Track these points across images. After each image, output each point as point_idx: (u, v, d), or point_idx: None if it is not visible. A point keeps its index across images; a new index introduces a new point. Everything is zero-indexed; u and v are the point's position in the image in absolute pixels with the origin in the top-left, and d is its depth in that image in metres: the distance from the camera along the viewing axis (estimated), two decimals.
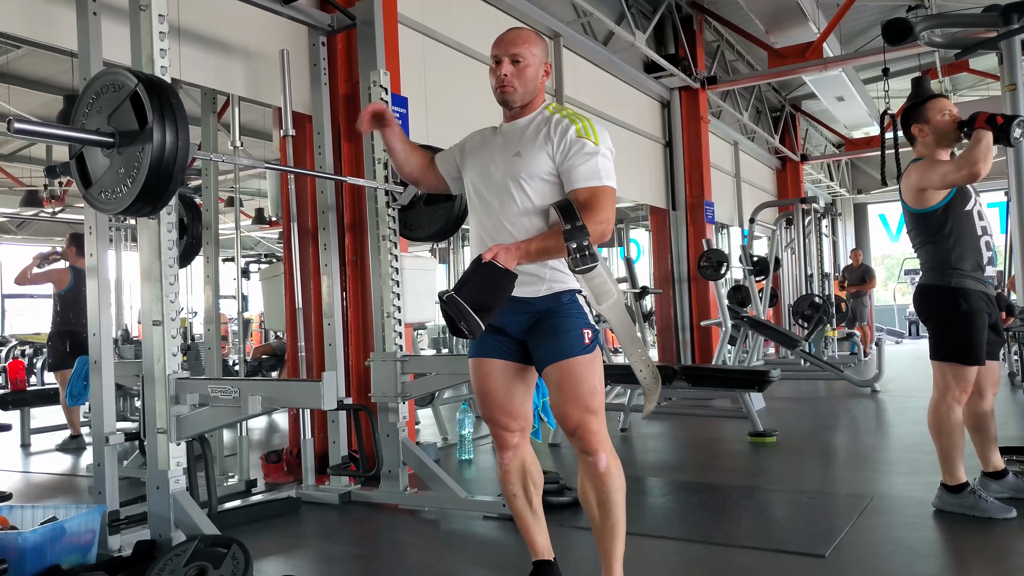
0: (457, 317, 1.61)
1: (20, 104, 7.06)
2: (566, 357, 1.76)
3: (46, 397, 5.35)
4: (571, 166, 1.76)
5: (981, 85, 10.31)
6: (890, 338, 12.37)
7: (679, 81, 7.48)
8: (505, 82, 1.83)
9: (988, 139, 2.46)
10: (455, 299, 1.61)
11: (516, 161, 1.80)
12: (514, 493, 1.92)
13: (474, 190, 1.90)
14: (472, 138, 2.00)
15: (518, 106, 1.86)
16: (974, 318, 2.55)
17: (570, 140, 1.77)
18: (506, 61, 1.83)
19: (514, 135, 1.86)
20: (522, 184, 1.79)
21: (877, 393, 6.06)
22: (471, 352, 1.92)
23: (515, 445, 1.89)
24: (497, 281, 1.68)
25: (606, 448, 1.76)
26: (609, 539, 1.79)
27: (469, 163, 1.94)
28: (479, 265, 1.67)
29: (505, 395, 1.86)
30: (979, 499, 2.57)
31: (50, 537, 2.10)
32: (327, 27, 3.63)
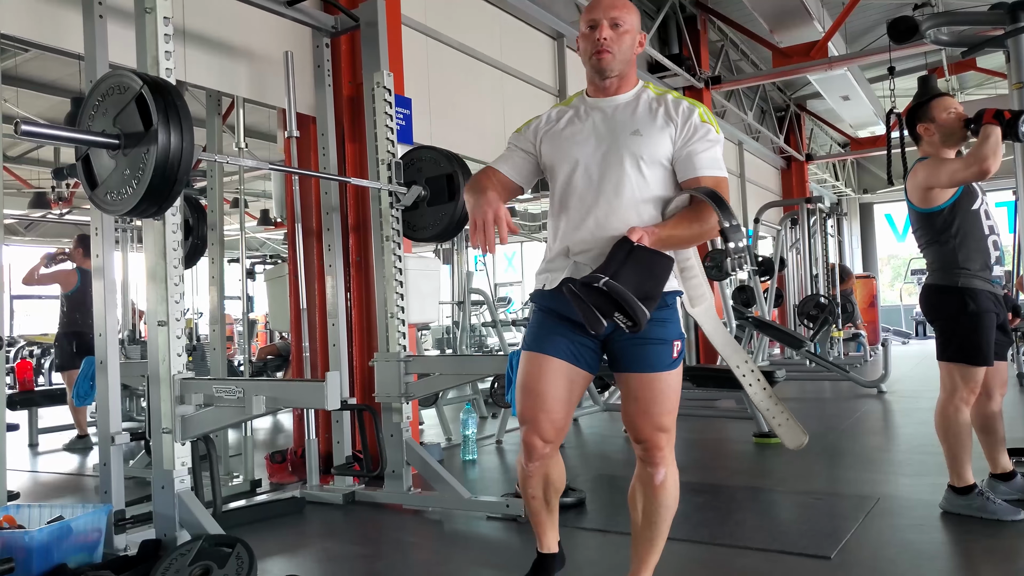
0: (614, 308, 1.40)
1: (28, 107, 7.10)
2: (652, 371, 1.65)
3: (53, 397, 5.39)
4: (693, 151, 1.63)
5: (988, 83, 10.25)
6: (896, 338, 12.31)
7: (683, 81, 7.46)
8: (603, 46, 1.66)
9: (997, 134, 2.42)
10: (617, 285, 1.40)
11: (636, 140, 1.64)
12: (533, 495, 1.82)
13: (580, 171, 1.67)
14: (544, 118, 1.79)
15: (614, 75, 1.69)
16: (982, 318, 2.54)
17: (695, 124, 1.64)
18: (605, 24, 1.66)
19: (622, 112, 1.69)
20: (641, 166, 1.63)
21: (883, 394, 6.04)
22: (534, 344, 1.71)
23: (545, 456, 1.73)
24: (656, 265, 1.50)
25: (668, 463, 1.70)
26: (646, 549, 1.75)
27: (559, 142, 1.72)
28: (631, 247, 1.47)
29: (558, 401, 1.68)
30: (987, 501, 2.56)
31: (57, 536, 2.11)
32: (331, 29, 3.64)
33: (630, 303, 1.39)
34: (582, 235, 1.65)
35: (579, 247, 1.65)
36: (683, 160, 1.65)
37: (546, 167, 1.76)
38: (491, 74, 4.96)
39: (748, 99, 9.75)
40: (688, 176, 1.64)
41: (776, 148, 11.10)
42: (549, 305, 1.72)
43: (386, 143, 3.19)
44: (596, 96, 1.74)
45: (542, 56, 5.59)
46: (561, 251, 1.69)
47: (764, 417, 1.69)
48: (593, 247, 1.63)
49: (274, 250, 12.68)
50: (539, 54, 5.55)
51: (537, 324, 1.74)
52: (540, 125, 1.78)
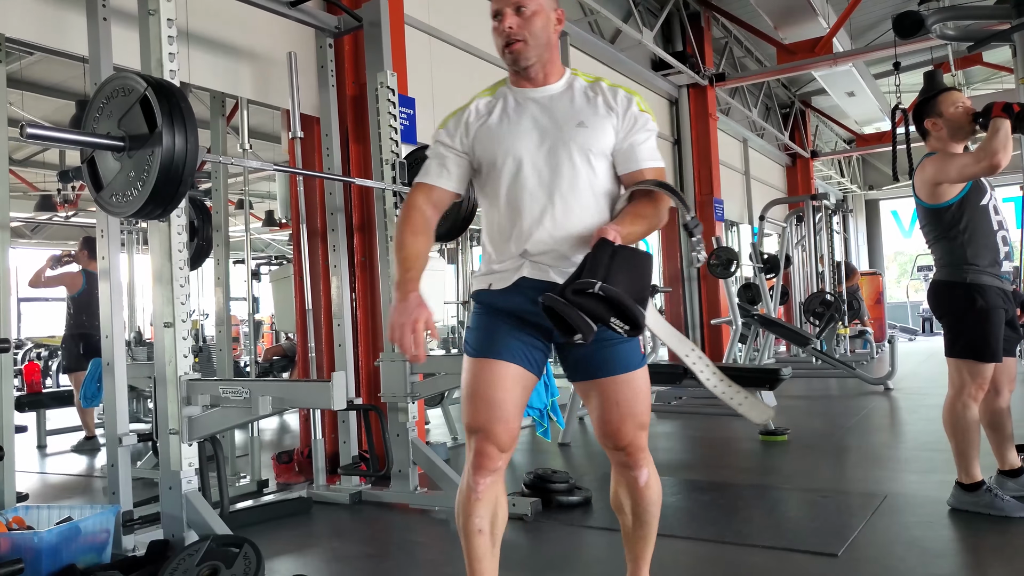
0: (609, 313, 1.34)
1: (33, 110, 7.13)
2: (629, 370, 1.57)
3: (61, 399, 5.41)
4: (634, 143, 1.57)
5: (995, 78, 10.19)
6: (903, 335, 12.26)
7: (687, 78, 7.45)
8: (512, 36, 1.55)
9: (1007, 128, 2.39)
10: (614, 289, 1.33)
11: (583, 132, 1.55)
12: (479, 529, 1.56)
13: (527, 167, 1.55)
14: (472, 112, 1.64)
15: (532, 64, 1.57)
16: (990, 314, 2.52)
17: (635, 114, 1.57)
18: (508, 12, 1.55)
19: (560, 102, 1.59)
20: (591, 159, 1.55)
21: (890, 391, 6.01)
22: (481, 349, 1.59)
23: (497, 469, 1.58)
24: (641, 265, 1.43)
25: (649, 462, 1.66)
26: (641, 547, 1.74)
27: (496, 138, 1.59)
28: (613, 248, 1.40)
29: (513, 408, 1.57)
30: (995, 497, 2.54)
31: (65, 537, 2.12)
32: (334, 29, 3.64)
33: (629, 305, 1.34)
34: (540, 235, 1.54)
35: (538, 247, 1.55)
36: (624, 152, 1.58)
37: (482, 164, 1.62)
38: (495, 73, 4.93)
39: (753, 96, 9.72)
40: (630, 169, 1.57)
41: (781, 145, 11.07)
42: (498, 304, 1.59)
43: (390, 143, 3.19)
44: (524, 86, 1.62)
45: None
46: (516, 252, 1.57)
47: (723, 400, 1.65)
48: (552, 247, 1.54)
49: (279, 251, 12.72)
50: None
51: (484, 326, 1.61)
52: (469, 120, 1.63)
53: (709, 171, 7.79)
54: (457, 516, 1.61)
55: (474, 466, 1.57)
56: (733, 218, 9.22)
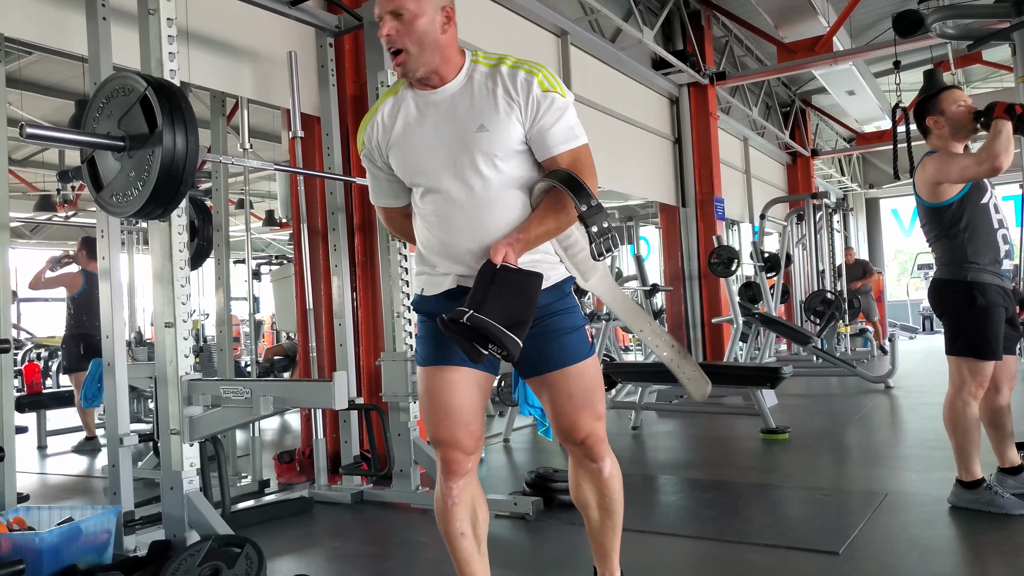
0: (485, 340, 1.34)
1: (32, 110, 7.13)
2: (578, 360, 1.56)
3: (61, 399, 5.41)
4: (543, 128, 1.48)
5: (995, 77, 10.18)
6: (903, 333, 12.26)
7: (688, 77, 7.44)
8: (392, 44, 1.46)
9: (1008, 130, 2.39)
10: (481, 319, 1.32)
11: (484, 138, 1.47)
12: (462, 532, 1.57)
13: (436, 185, 1.52)
14: (379, 127, 1.58)
15: (422, 72, 1.49)
16: (990, 312, 2.52)
17: (536, 97, 1.47)
18: (387, 18, 1.45)
19: (458, 102, 1.51)
20: (496, 163, 1.48)
21: (891, 389, 6.01)
22: (430, 357, 1.57)
23: (468, 471, 1.56)
24: (524, 287, 1.41)
25: (609, 453, 1.64)
26: (610, 538, 1.71)
27: (404, 154, 1.55)
28: (494, 271, 1.38)
29: (471, 411, 1.55)
30: (995, 495, 2.55)
31: (67, 538, 2.12)
32: (334, 28, 3.64)
33: (497, 336, 1.32)
34: (464, 247, 1.51)
35: (463, 258, 1.52)
36: (536, 139, 1.50)
37: (401, 174, 1.58)
38: None
39: (753, 95, 9.72)
40: (545, 156, 1.51)
41: (782, 144, 11.06)
42: (433, 309, 1.54)
43: None
44: (423, 89, 1.53)
45: (546, 53, 5.58)
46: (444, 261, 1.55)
47: (673, 372, 1.65)
48: (478, 255, 1.50)
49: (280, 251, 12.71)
50: (543, 52, 5.54)
51: (429, 334, 1.57)
52: (378, 137, 1.58)
53: (710, 170, 7.79)
54: (438, 523, 1.61)
55: (445, 473, 1.57)
56: (734, 217, 9.22)
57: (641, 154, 7.07)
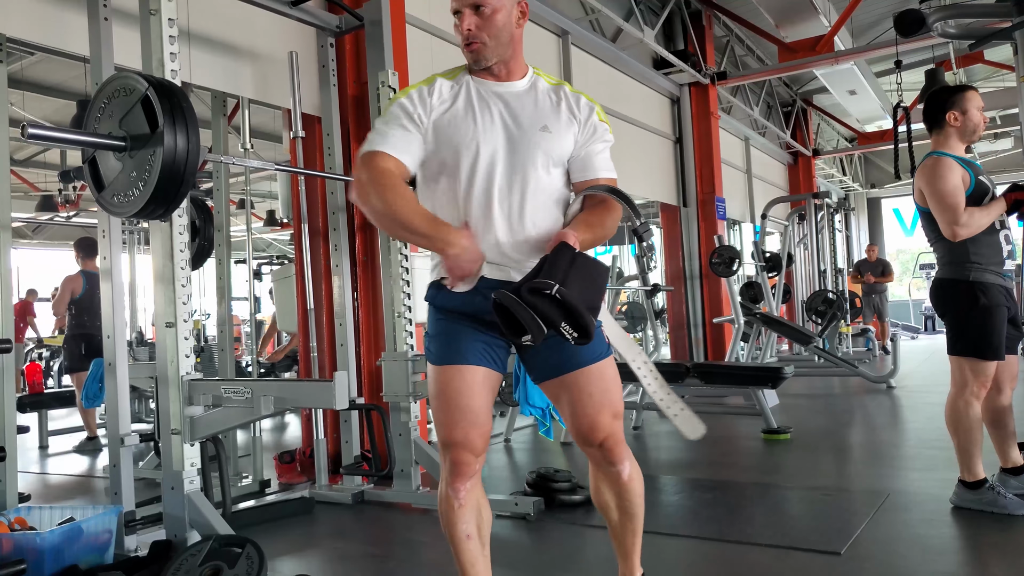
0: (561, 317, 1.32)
1: (34, 110, 7.14)
2: (599, 359, 1.56)
3: (63, 399, 5.42)
4: (592, 152, 1.58)
5: (996, 76, 10.17)
6: (905, 333, 12.25)
7: (689, 77, 7.44)
8: (471, 38, 1.51)
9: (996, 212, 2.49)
10: (568, 294, 1.31)
11: (546, 138, 1.53)
12: (468, 534, 1.56)
13: (488, 164, 1.51)
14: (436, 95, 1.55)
15: (495, 63, 1.54)
16: (993, 312, 2.52)
17: (594, 123, 1.58)
18: (467, 12, 1.50)
19: (524, 101, 1.56)
20: (549, 166, 1.54)
21: (892, 389, 6.00)
22: (445, 356, 1.55)
23: (475, 472, 1.55)
24: (597, 274, 1.42)
25: (629, 455, 1.62)
26: (632, 540, 1.72)
27: (460, 127, 1.52)
28: (573, 253, 1.39)
29: (484, 412, 1.54)
30: (998, 495, 2.54)
31: (68, 537, 2.12)
32: (335, 28, 3.64)
33: (582, 312, 1.32)
34: (501, 237, 1.51)
35: (497, 249, 1.52)
36: (581, 160, 1.58)
37: (439, 151, 1.54)
38: None
39: (754, 95, 9.71)
40: (586, 177, 1.58)
41: (783, 143, 11.06)
42: (456, 307, 1.55)
43: None
44: (486, 78, 1.56)
45: (547, 53, 5.58)
46: None
47: (660, 408, 1.66)
48: (511, 249, 1.52)
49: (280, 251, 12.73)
50: (544, 51, 5.54)
51: (444, 330, 1.56)
52: (433, 104, 1.54)
53: (711, 170, 7.78)
54: (443, 525, 1.59)
55: (453, 475, 1.55)
56: (735, 216, 9.22)
57: (642, 154, 7.07)
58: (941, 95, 2.64)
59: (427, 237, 1.45)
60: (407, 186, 1.51)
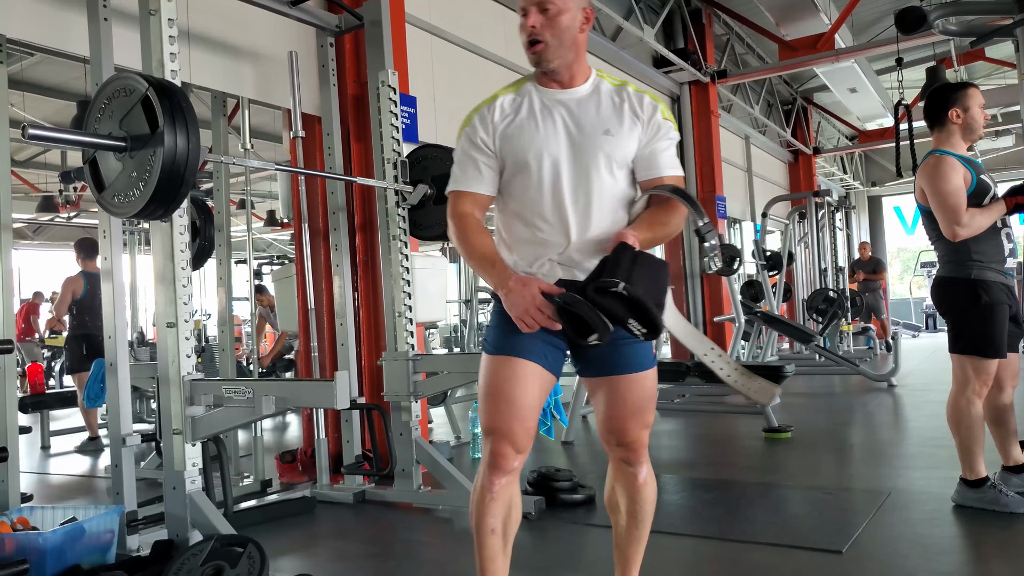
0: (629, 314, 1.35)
1: (34, 111, 7.14)
2: (643, 369, 1.60)
3: (64, 400, 5.42)
4: (656, 150, 1.59)
5: (997, 73, 10.15)
6: (907, 332, 12.24)
7: (689, 75, 7.43)
8: (534, 35, 1.54)
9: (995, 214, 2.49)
10: (636, 291, 1.34)
11: (609, 142, 1.56)
12: (492, 528, 1.56)
13: (552, 170, 1.56)
14: (497, 112, 1.61)
15: (555, 65, 1.57)
16: (994, 310, 2.51)
17: (658, 121, 1.59)
18: (533, 11, 1.54)
19: (586, 107, 1.59)
20: (613, 168, 1.57)
21: (893, 387, 6.00)
22: (501, 347, 1.57)
23: (514, 470, 1.56)
24: (660, 272, 1.45)
25: (648, 461, 1.67)
26: (634, 548, 1.73)
27: (524, 136, 1.58)
28: (635, 252, 1.42)
29: (532, 409, 1.56)
30: (999, 494, 2.54)
31: (70, 537, 2.12)
32: (335, 28, 3.64)
33: (650, 308, 1.35)
34: (564, 239, 1.56)
35: (564, 252, 1.56)
36: (646, 158, 1.60)
37: (507, 163, 1.60)
38: (496, 71, 4.95)
39: (755, 93, 9.70)
40: (651, 176, 1.60)
41: (783, 142, 11.04)
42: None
43: (392, 142, 3.19)
44: (550, 87, 1.61)
45: None
46: (542, 255, 1.58)
47: (740, 391, 1.70)
48: (576, 252, 1.56)
49: (281, 251, 12.73)
50: None
51: (506, 324, 1.57)
52: (494, 119, 1.60)
53: (711, 168, 7.77)
54: (471, 515, 1.60)
55: (490, 466, 1.56)
56: (736, 215, 9.21)
57: None
58: (943, 92, 2.63)
59: (488, 278, 1.57)
60: (482, 228, 1.61)
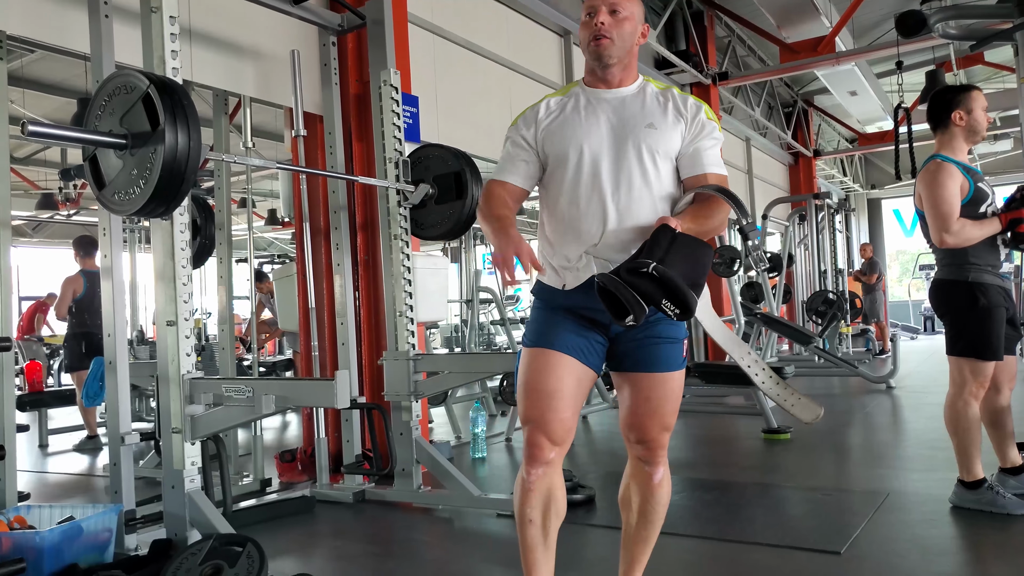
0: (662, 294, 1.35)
1: (35, 108, 7.13)
2: (667, 370, 1.62)
3: (63, 398, 5.42)
4: (700, 148, 1.62)
5: (997, 77, 10.16)
6: (905, 334, 12.26)
7: (690, 77, 7.43)
8: (602, 32, 1.60)
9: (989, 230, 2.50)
10: (665, 271, 1.35)
11: (651, 133, 1.60)
12: (531, 519, 1.61)
13: (594, 160, 1.60)
14: (543, 111, 1.69)
15: (613, 63, 1.63)
16: (992, 312, 2.52)
17: (702, 121, 1.63)
18: (603, 10, 1.61)
19: (631, 104, 1.65)
20: (657, 160, 1.60)
21: (892, 389, 6.01)
22: (537, 340, 1.62)
23: (550, 461, 1.59)
24: (700, 253, 1.45)
25: (665, 462, 1.68)
26: (641, 549, 1.74)
27: (566, 131, 1.64)
28: (674, 233, 1.43)
29: (567, 400, 1.58)
30: (997, 495, 2.55)
31: (68, 536, 2.12)
32: (337, 27, 3.64)
33: (681, 287, 1.35)
34: (605, 232, 1.58)
35: (602, 244, 1.58)
36: (689, 156, 1.63)
37: (549, 158, 1.66)
38: (498, 71, 4.95)
39: (755, 95, 9.70)
40: (695, 172, 1.62)
41: (784, 144, 11.05)
42: (559, 300, 1.63)
43: (393, 141, 3.19)
44: (597, 87, 1.68)
45: (549, 53, 5.58)
46: (581, 249, 1.60)
47: (777, 403, 1.69)
48: (615, 243, 1.57)
49: (282, 249, 12.72)
50: (546, 51, 5.53)
51: (543, 319, 1.64)
52: (540, 118, 1.68)
53: None
54: (514, 503, 1.66)
55: (527, 457, 1.61)
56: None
57: None
58: (946, 94, 2.64)
59: (490, 233, 1.61)
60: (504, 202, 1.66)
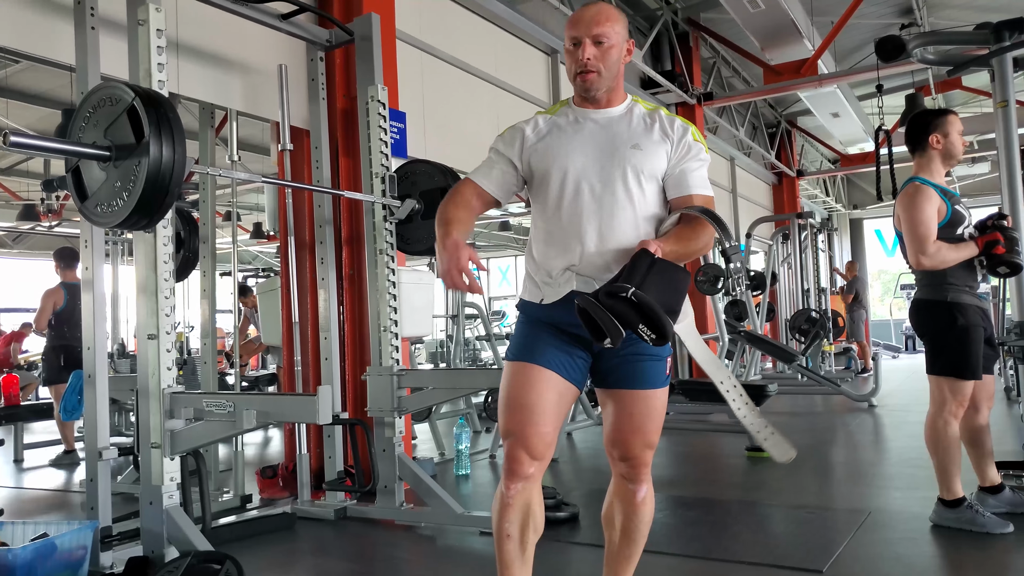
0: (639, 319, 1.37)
1: (18, 118, 7.08)
2: (651, 387, 1.63)
3: (39, 412, 5.33)
4: (686, 170, 1.62)
5: (974, 102, 10.39)
6: (886, 353, 12.38)
7: (676, 97, 7.53)
8: (589, 67, 1.61)
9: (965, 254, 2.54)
10: (644, 297, 1.36)
11: (636, 154, 1.60)
12: (508, 534, 1.61)
13: (577, 180, 1.60)
14: (530, 129, 1.69)
15: (601, 93, 1.65)
16: (970, 332, 2.56)
17: (688, 142, 1.63)
18: (588, 43, 1.60)
19: (618, 124, 1.65)
20: (641, 180, 1.60)
21: (874, 408, 6.06)
22: (518, 354, 1.62)
23: (529, 476, 1.59)
24: (677, 280, 1.48)
25: (649, 480, 1.68)
26: (624, 567, 1.73)
27: (551, 149, 1.64)
28: (652, 259, 1.45)
29: (548, 415, 1.58)
30: (976, 514, 2.57)
31: (41, 554, 2.08)
32: (325, 42, 3.66)
33: (658, 313, 1.36)
34: (588, 250, 1.58)
35: (585, 262, 1.58)
36: (675, 177, 1.63)
37: (534, 174, 1.67)
38: (485, 89, 4.99)
39: (740, 115, 9.84)
40: (680, 194, 1.62)
41: (767, 164, 11.20)
42: (541, 315, 1.63)
43: (380, 156, 3.20)
44: (586, 107, 1.68)
45: (536, 71, 5.64)
46: (563, 265, 1.60)
47: (750, 432, 1.71)
48: (598, 262, 1.57)
49: (266, 263, 12.65)
50: (533, 69, 5.59)
51: (527, 333, 1.64)
52: (527, 135, 1.68)
53: None
54: (492, 518, 1.65)
55: (506, 471, 1.60)
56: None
57: None
58: (924, 118, 2.69)
59: (437, 237, 1.63)
60: (464, 203, 1.68)
